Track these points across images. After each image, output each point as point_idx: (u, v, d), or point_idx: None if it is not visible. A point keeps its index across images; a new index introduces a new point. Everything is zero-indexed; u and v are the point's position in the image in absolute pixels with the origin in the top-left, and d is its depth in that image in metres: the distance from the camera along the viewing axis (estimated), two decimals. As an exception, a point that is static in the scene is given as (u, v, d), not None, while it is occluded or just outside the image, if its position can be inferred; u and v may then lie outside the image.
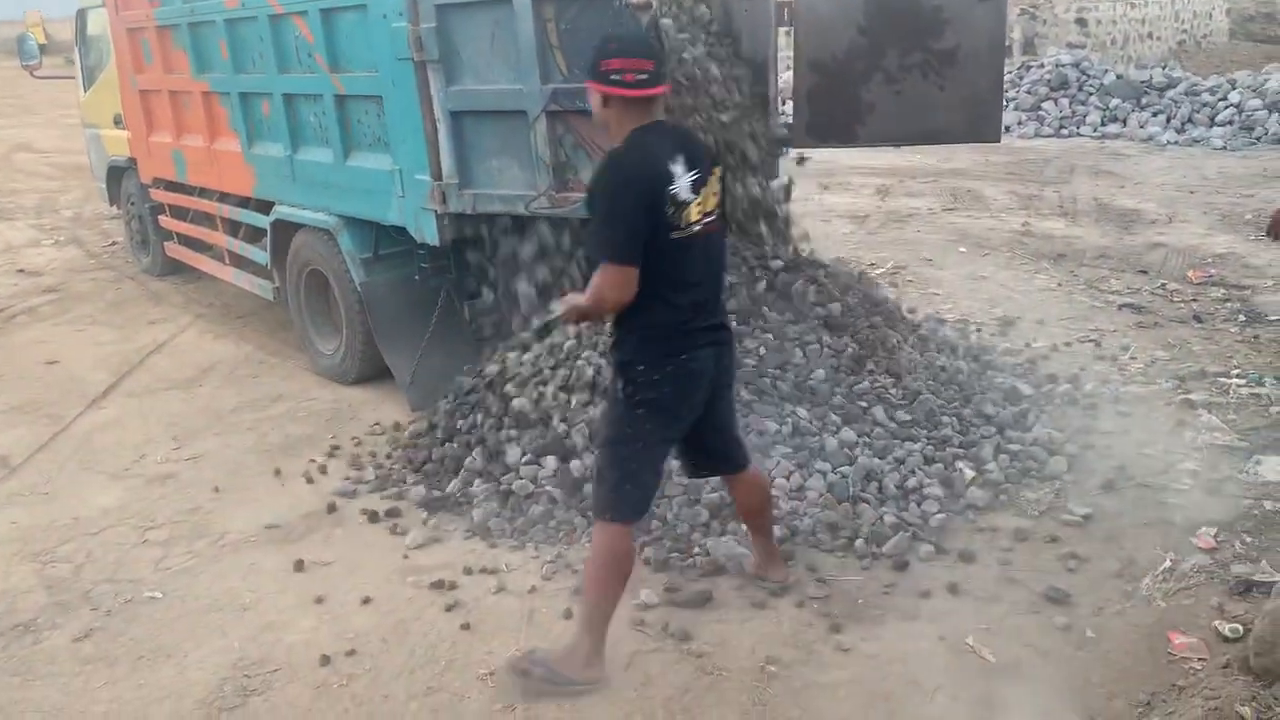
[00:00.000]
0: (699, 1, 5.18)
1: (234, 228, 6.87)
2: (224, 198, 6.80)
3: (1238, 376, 5.24)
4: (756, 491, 3.49)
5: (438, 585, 3.69)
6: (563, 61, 4.44)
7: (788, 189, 5.55)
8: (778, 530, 3.78)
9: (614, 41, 3.04)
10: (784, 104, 6.89)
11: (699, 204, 2.99)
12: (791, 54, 5.81)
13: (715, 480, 3.96)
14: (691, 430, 3.21)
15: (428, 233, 4.92)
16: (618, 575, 3.12)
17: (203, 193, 7.03)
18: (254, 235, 6.60)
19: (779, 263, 5.08)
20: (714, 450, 3.37)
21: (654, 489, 3.25)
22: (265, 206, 6.25)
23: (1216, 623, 3.26)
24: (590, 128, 4.23)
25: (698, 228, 2.99)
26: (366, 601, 3.64)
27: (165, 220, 7.81)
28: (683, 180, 2.94)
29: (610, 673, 3.15)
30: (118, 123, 7.98)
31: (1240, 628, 3.19)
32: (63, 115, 19.51)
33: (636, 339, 3.03)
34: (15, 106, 23.10)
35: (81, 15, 8.50)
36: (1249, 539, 3.74)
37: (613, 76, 2.95)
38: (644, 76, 2.94)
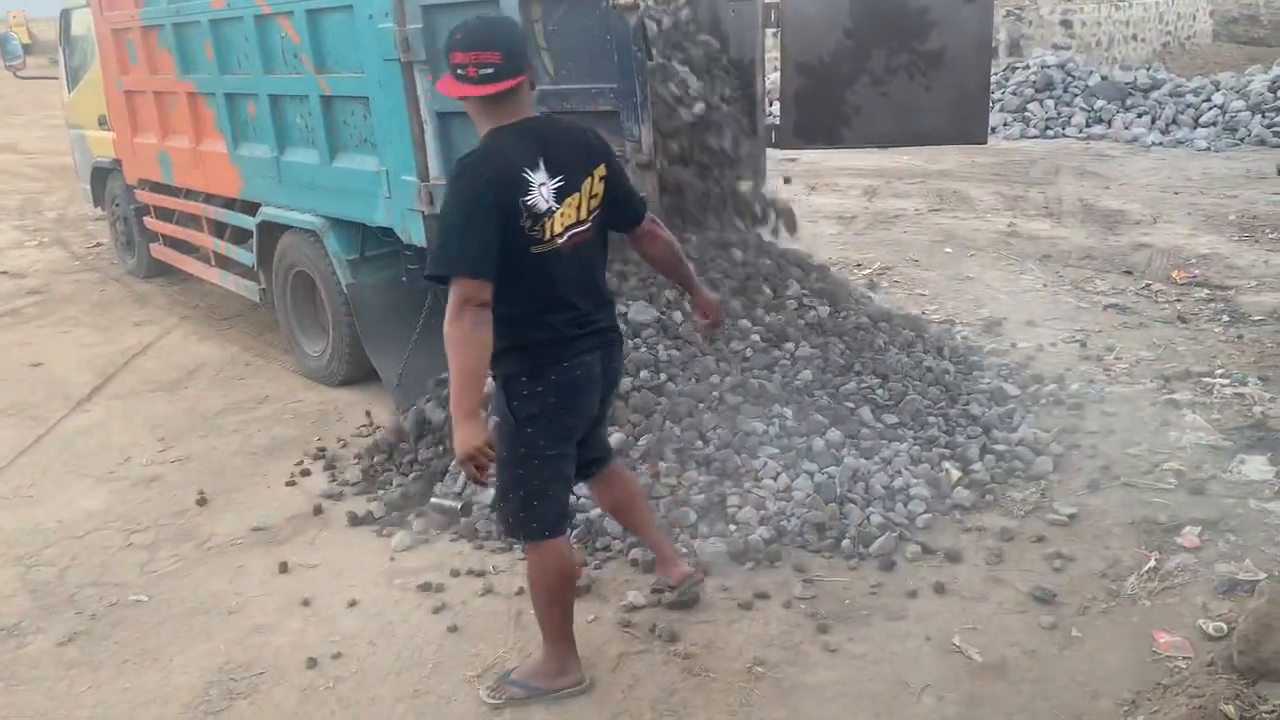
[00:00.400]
0: (684, 5, 5.20)
1: (220, 229, 6.84)
2: (210, 199, 6.78)
3: (1222, 376, 5.26)
4: (622, 486, 3.38)
5: (424, 587, 3.68)
6: (550, 63, 4.44)
7: (756, 190, 5.61)
8: (765, 531, 3.79)
9: (459, 31, 2.72)
10: (771, 105, 6.92)
11: (562, 214, 2.75)
12: (779, 55, 5.83)
13: (704, 481, 3.97)
14: None
15: (415, 234, 4.91)
16: (559, 588, 3.03)
17: (188, 194, 7.00)
18: (240, 236, 6.57)
19: (767, 262, 5.09)
20: (590, 447, 3.19)
21: (566, 499, 3.10)
22: (251, 208, 6.22)
23: (1201, 621, 3.28)
24: None
25: (562, 240, 2.76)
26: (353, 604, 3.63)
27: (150, 221, 7.78)
28: (541, 189, 2.70)
29: (597, 674, 3.16)
30: (102, 123, 7.94)
31: (1225, 626, 3.21)
32: (47, 116, 19.40)
33: (516, 354, 2.83)
34: (-1, 107, 22.97)
35: (66, 15, 8.46)
36: (1233, 538, 3.76)
37: (457, 71, 2.69)
38: (489, 70, 2.65)
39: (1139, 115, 13.82)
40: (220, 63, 5.93)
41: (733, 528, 3.84)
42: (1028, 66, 15.61)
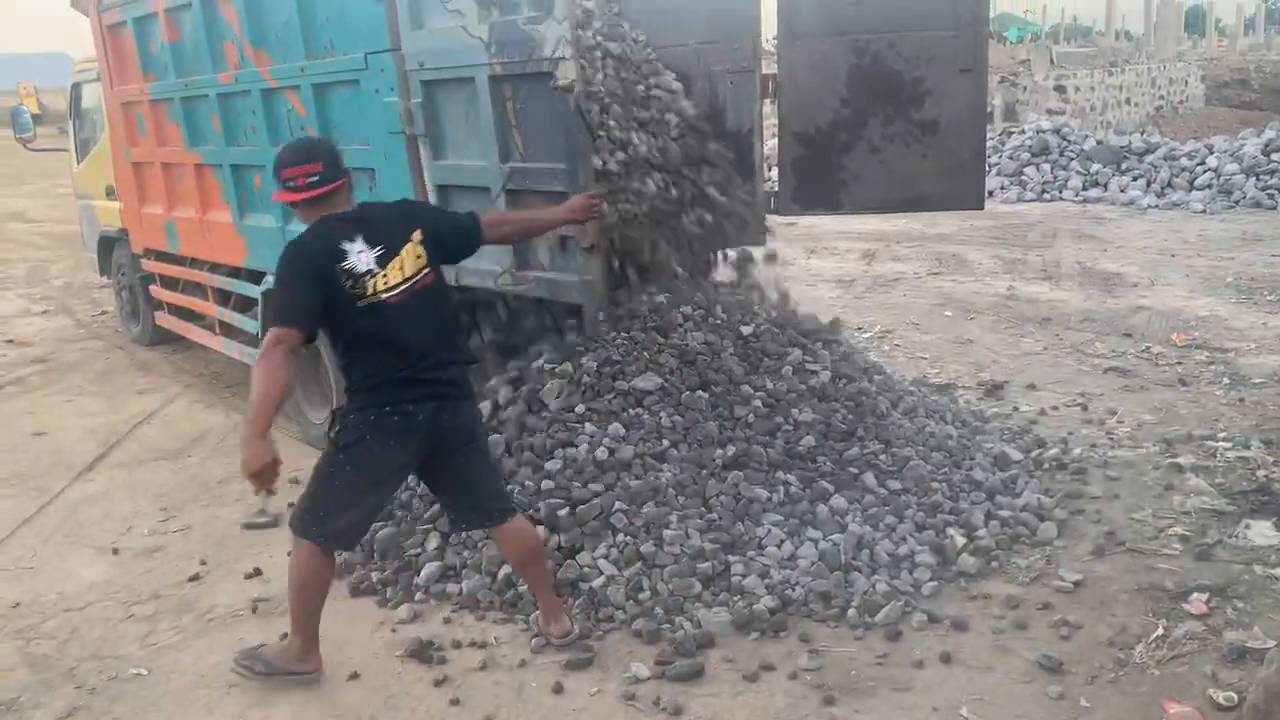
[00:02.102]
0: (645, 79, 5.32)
1: (224, 297, 6.90)
2: (215, 268, 6.85)
3: (1224, 440, 5.27)
4: (519, 543, 3.65)
5: (426, 659, 3.65)
6: (520, 141, 4.52)
7: (748, 258, 5.71)
8: (770, 600, 3.77)
9: (286, 151, 3.47)
10: (770, 171, 7.01)
11: (385, 275, 3.31)
12: (777, 123, 5.93)
13: (709, 549, 3.95)
14: (441, 486, 3.66)
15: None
16: (313, 591, 3.49)
17: (194, 263, 7.08)
18: (244, 305, 6.62)
19: (768, 328, 5.12)
20: (469, 506, 3.64)
21: (359, 527, 3.57)
22: (256, 277, 6.28)
23: (1211, 691, 3.25)
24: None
25: (390, 294, 3.32)
26: (354, 676, 3.60)
27: (156, 290, 7.84)
28: (359, 256, 3.29)
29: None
30: (110, 194, 8.05)
31: (1235, 695, 3.18)
32: (54, 185, 19.65)
33: (352, 392, 3.42)
34: (7, 176, 23.26)
35: (76, 89, 8.62)
36: (1240, 605, 3.74)
37: (288, 183, 3.38)
38: (314, 178, 3.36)
39: (1134, 178, 13.99)
40: (227, 135, 6.03)
41: (737, 598, 3.82)
42: (1023, 131, 15.84)
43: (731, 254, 6.00)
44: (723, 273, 6.00)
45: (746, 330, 5.03)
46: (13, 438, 6.43)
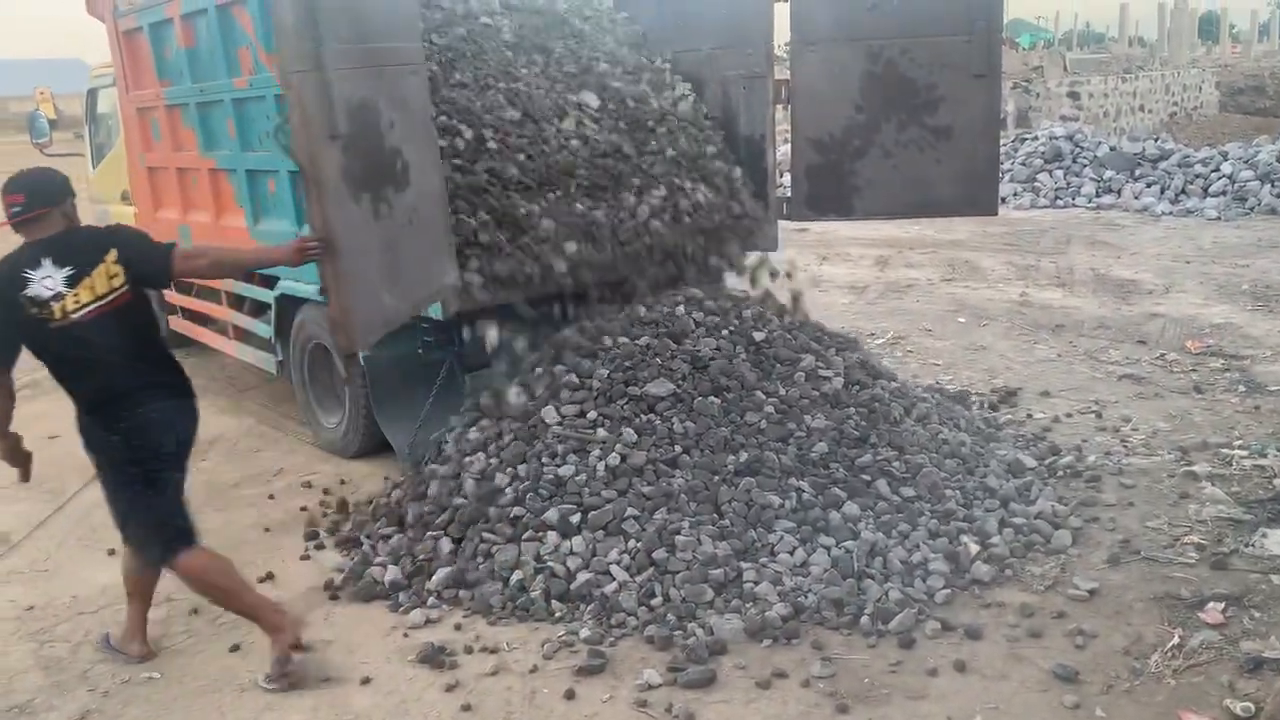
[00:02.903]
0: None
1: (238, 302, 6.92)
2: (229, 273, 6.86)
3: (1240, 448, 5.23)
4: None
5: (438, 665, 3.65)
6: None
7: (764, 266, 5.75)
8: (783, 607, 3.76)
9: (5, 182, 3.63)
10: (782, 177, 7.02)
11: (75, 295, 3.45)
12: (789, 129, 5.94)
13: (721, 555, 3.94)
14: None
15: (432, 307, 4.95)
16: (222, 582, 3.69)
17: (208, 267, 7.08)
18: (258, 309, 6.64)
19: (780, 334, 5.12)
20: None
21: (175, 514, 3.70)
22: (269, 281, 6.29)
23: (1228, 701, 3.22)
24: None
25: (80, 313, 3.46)
26: (366, 681, 3.60)
27: (169, 295, 7.87)
28: (43, 281, 3.43)
29: None
30: (125, 199, 8.08)
31: (1252, 706, 3.16)
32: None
33: (78, 411, 3.63)
34: (23, 180, 23.37)
35: (92, 95, 8.66)
36: (1258, 614, 3.71)
37: (5, 209, 3.60)
38: (16, 209, 3.54)
39: (1148, 185, 13.93)
40: (242, 140, 6.04)
41: (749, 604, 3.81)
42: (1036, 138, 15.79)
43: (746, 260, 6.02)
44: (735, 279, 6.02)
45: (759, 336, 5.03)
46: (28, 441, 6.42)
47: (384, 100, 4.06)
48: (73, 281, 3.47)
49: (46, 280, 3.45)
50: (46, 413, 7.05)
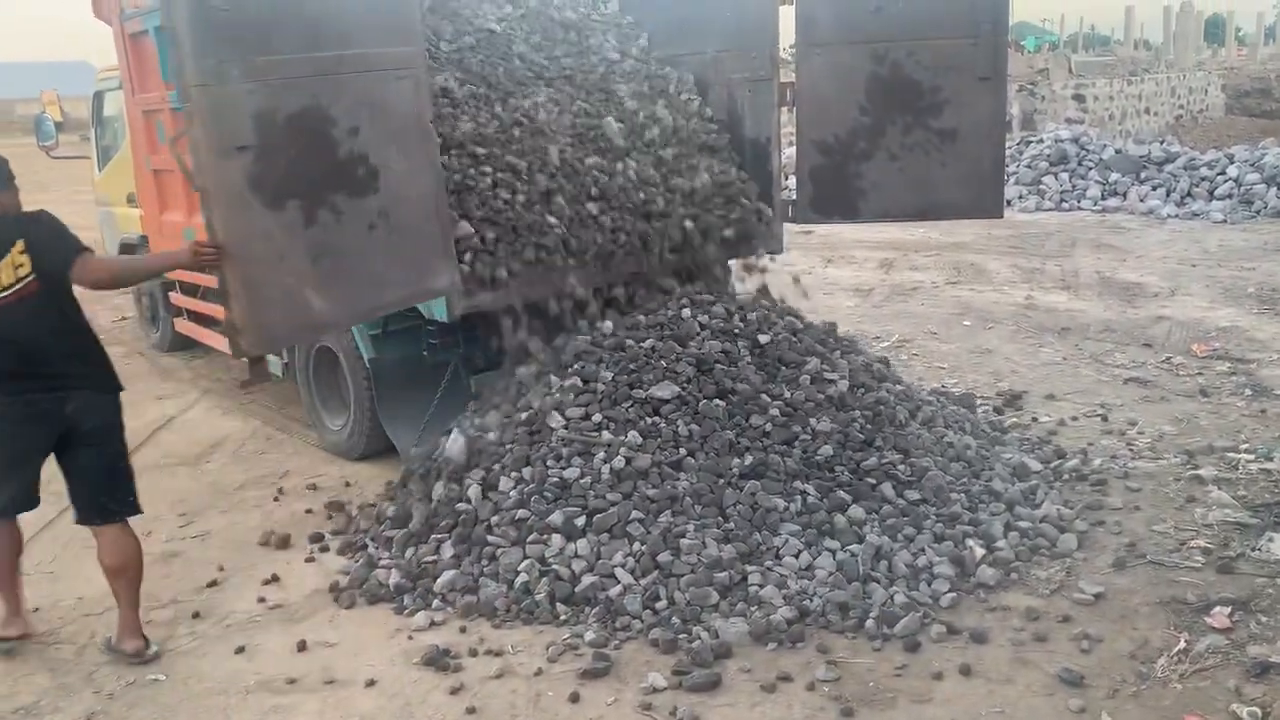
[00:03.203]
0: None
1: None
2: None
3: (1246, 451, 5.22)
4: (116, 551, 3.91)
5: (442, 667, 3.65)
6: None
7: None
8: (788, 610, 3.76)
9: None
10: (787, 179, 7.02)
11: None
12: (794, 132, 5.94)
13: (726, 558, 3.94)
14: (66, 474, 3.87)
15: (437, 310, 4.95)
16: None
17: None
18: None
19: (785, 337, 5.11)
20: (82, 497, 3.89)
21: (16, 500, 3.92)
22: (275, 283, 6.30)
23: (1234, 706, 3.21)
24: None
25: None
26: (371, 684, 3.60)
27: (176, 297, 7.87)
28: None
29: None
30: (131, 201, 8.08)
31: (1259, 711, 3.15)
32: (75, 192, 19.79)
33: None
34: (30, 183, 23.35)
35: (98, 97, 8.68)
36: (1264, 619, 3.70)
37: None
38: None
39: (1154, 188, 13.91)
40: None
41: (754, 608, 3.81)
42: (1041, 140, 15.78)
43: (750, 261, 6.02)
44: (740, 281, 6.02)
45: (764, 339, 5.03)
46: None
47: (343, 107, 4.07)
48: None
49: None
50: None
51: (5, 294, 3.62)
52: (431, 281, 4.54)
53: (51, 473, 4.02)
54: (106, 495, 3.89)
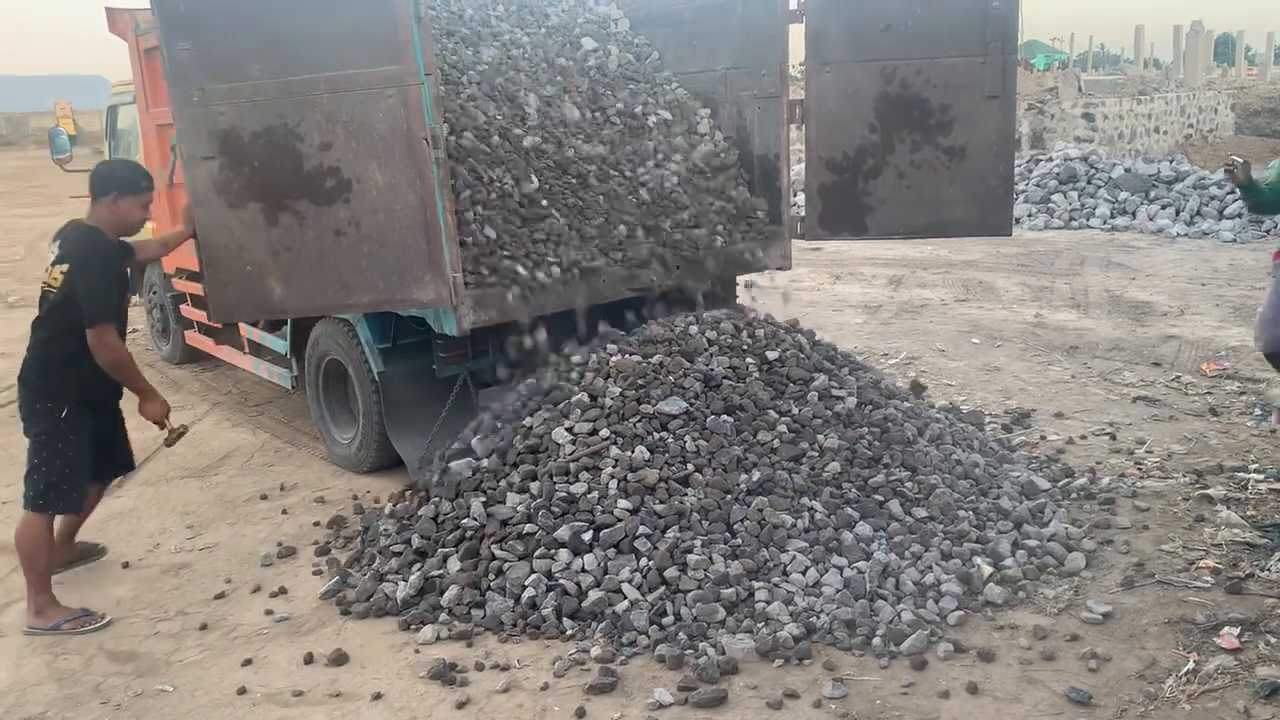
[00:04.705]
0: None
1: (254, 317, 6.96)
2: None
3: (1256, 471, 5.20)
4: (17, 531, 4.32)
5: (449, 681, 3.65)
6: None
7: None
8: (795, 627, 3.75)
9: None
10: (796, 196, 7.04)
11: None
12: (803, 149, 5.96)
13: (733, 574, 3.94)
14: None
15: (447, 323, 4.98)
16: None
17: (224, 282, 7.13)
18: (273, 324, 6.67)
19: (793, 353, 5.12)
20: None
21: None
22: (285, 297, 6.33)
23: (1243, 727, 3.20)
24: None
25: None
26: (377, 697, 3.60)
27: (187, 309, 7.92)
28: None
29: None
30: (144, 214, 8.14)
31: (1268, 733, 3.13)
32: (86, 204, 19.90)
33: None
34: (43, 196, 23.60)
35: (112, 111, 8.75)
36: (1273, 640, 3.68)
37: None
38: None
39: (1163, 207, 13.89)
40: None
41: (761, 624, 3.80)
42: (1050, 159, 15.79)
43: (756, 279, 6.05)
44: (748, 298, 6.03)
45: (772, 355, 5.04)
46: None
47: (313, 124, 4.50)
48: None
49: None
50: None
51: (44, 286, 4.21)
52: (415, 292, 4.68)
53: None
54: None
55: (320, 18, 4.46)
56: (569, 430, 4.61)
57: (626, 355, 4.92)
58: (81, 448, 4.34)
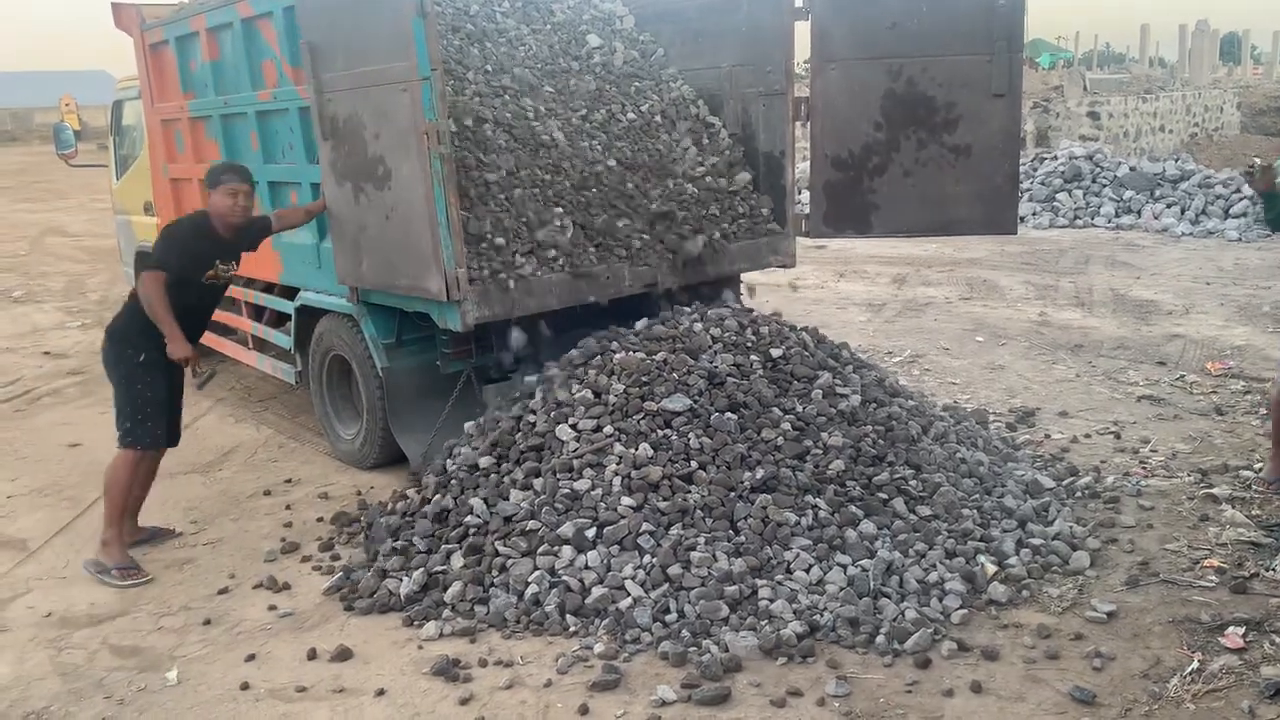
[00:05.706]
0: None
1: (258, 312, 6.97)
2: (250, 283, 6.92)
3: (1261, 470, 5.19)
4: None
5: (452, 678, 3.65)
6: None
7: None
8: (798, 625, 3.75)
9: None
10: (801, 194, 7.03)
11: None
12: (808, 146, 5.95)
13: (736, 572, 3.94)
14: None
15: (451, 319, 4.98)
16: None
17: (228, 278, 7.15)
18: (278, 320, 6.69)
19: (798, 351, 5.11)
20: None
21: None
22: (290, 292, 6.34)
23: (1248, 727, 3.19)
24: None
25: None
26: (381, 693, 3.60)
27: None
28: None
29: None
30: (148, 210, 8.15)
31: (1273, 732, 3.12)
32: (92, 200, 19.96)
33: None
34: (47, 191, 23.66)
35: (117, 106, 8.76)
36: (1278, 639, 3.67)
37: None
38: None
39: (1168, 206, 13.86)
40: (265, 153, 6.11)
41: (765, 622, 3.80)
42: (1055, 157, 15.75)
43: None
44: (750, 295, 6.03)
45: (776, 353, 5.03)
46: (48, 449, 6.50)
47: (369, 114, 4.83)
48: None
49: None
50: (67, 420, 7.13)
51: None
52: (426, 281, 4.81)
53: (61, 476, 4.05)
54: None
55: (361, 16, 4.79)
56: (573, 427, 4.61)
57: (630, 352, 4.92)
58: (158, 390, 4.79)
